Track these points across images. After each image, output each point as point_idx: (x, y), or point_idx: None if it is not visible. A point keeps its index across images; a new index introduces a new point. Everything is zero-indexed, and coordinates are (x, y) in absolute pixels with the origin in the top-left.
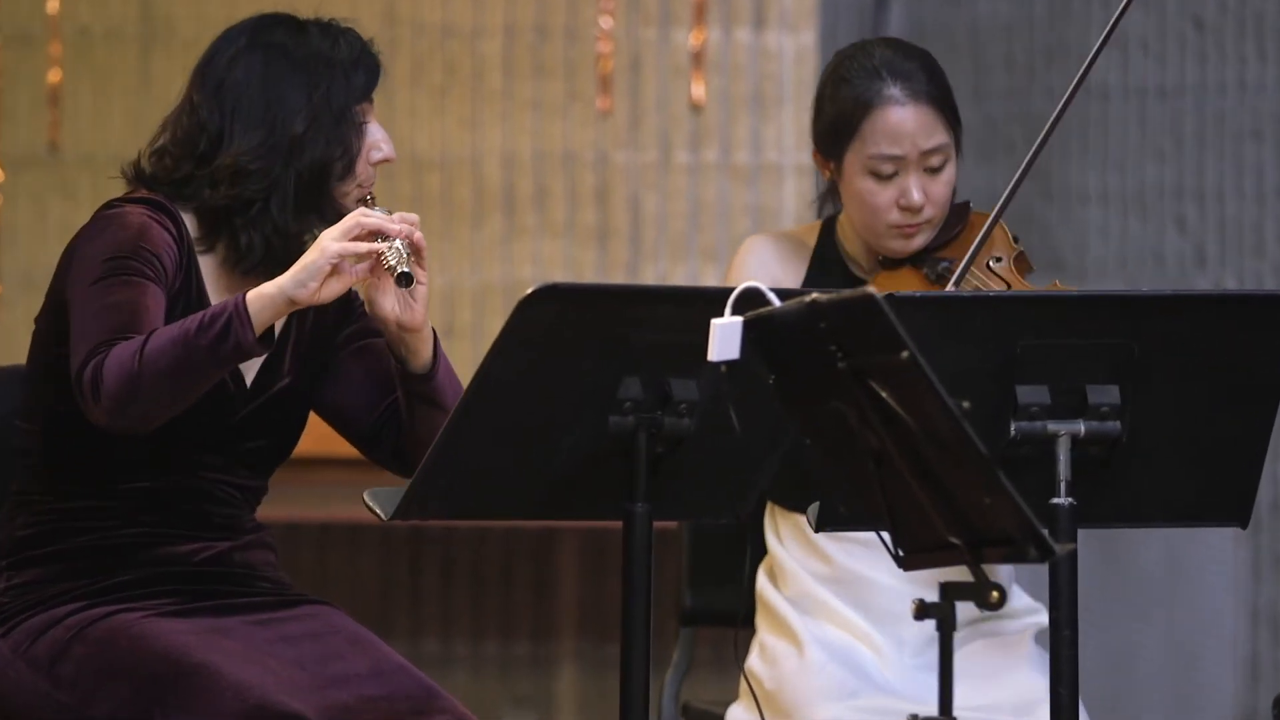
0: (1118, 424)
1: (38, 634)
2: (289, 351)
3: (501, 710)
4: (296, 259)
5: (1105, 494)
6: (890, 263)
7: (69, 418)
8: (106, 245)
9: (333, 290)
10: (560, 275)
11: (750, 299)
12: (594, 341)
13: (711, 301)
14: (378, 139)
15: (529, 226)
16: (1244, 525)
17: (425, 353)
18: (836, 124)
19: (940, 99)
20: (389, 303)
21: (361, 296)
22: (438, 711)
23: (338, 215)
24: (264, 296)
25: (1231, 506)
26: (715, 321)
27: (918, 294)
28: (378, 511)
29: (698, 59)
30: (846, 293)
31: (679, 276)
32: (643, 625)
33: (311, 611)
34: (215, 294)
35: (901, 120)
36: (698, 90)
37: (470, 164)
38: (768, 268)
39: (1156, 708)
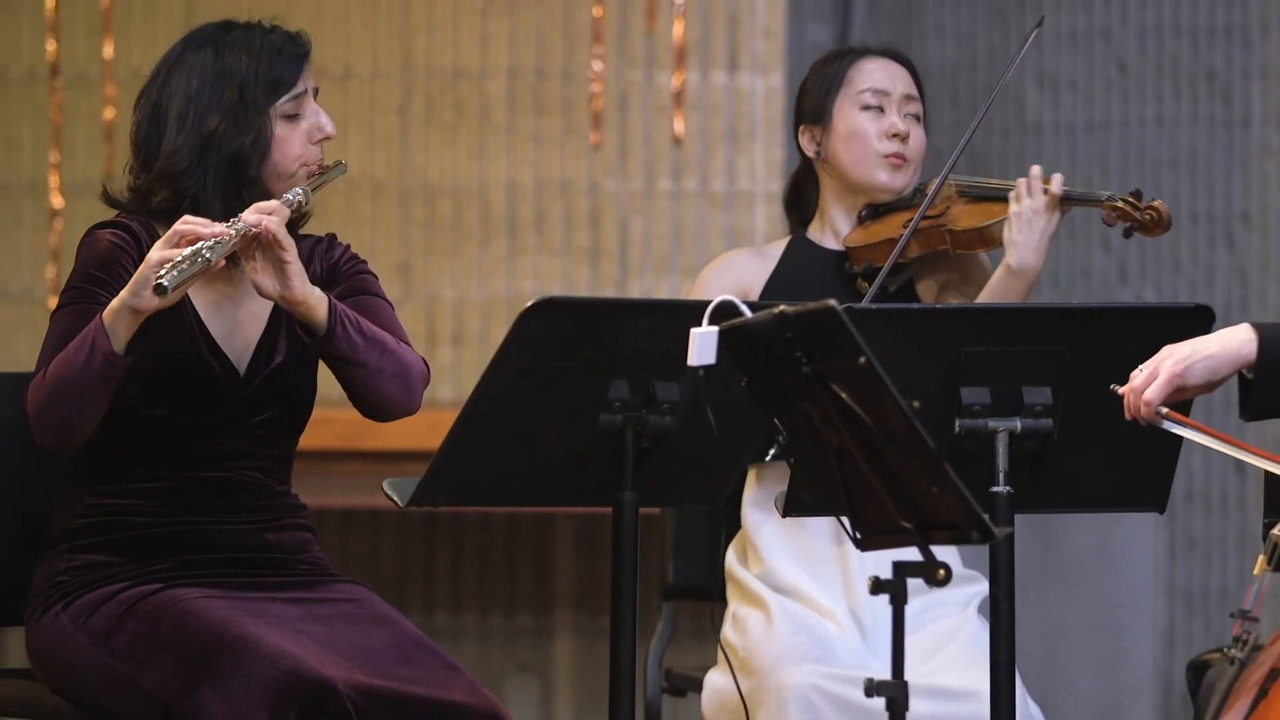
0: (1050, 421)
1: (94, 608)
2: (283, 332)
3: (506, 676)
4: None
5: (1039, 483)
6: (871, 215)
7: (99, 430)
8: (75, 272)
9: (170, 295)
10: (557, 290)
11: (725, 310)
12: (586, 348)
13: (691, 313)
14: (319, 121)
15: (529, 246)
16: (1161, 511)
17: (318, 319)
18: (824, 84)
19: (914, 71)
20: (267, 281)
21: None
22: (456, 687)
23: (264, 200)
24: (113, 311)
25: (1151, 495)
26: (694, 331)
27: (874, 306)
28: (395, 499)
29: (679, 98)
30: (811, 305)
31: (662, 291)
32: (630, 600)
33: (344, 593)
34: (196, 293)
35: (884, 66)
36: (679, 126)
37: (478, 191)
38: (731, 277)
39: (1084, 673)
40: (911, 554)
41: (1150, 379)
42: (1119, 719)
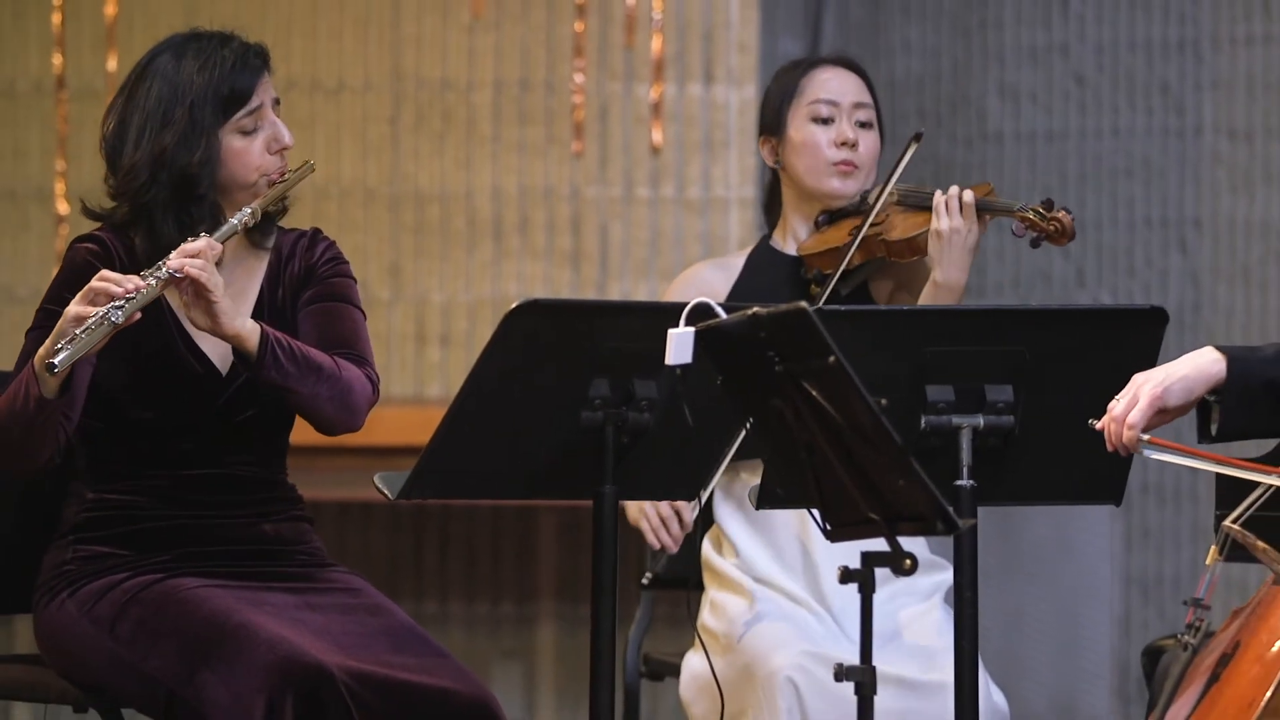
0: (1012, 418)
1: (99, 596)
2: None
3: (491, 662)
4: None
5: (1001, 477)
6: (826, 220)
7: (99, 431)
8: (50, 287)
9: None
10: (540, 292)
11: (701, 312)
12: (568, 348)
13: (668, 314)
14: (277, 132)
15: (514, 250)
16: (1118, 503)
17: (249, 350)
18: (780, 95)
19: (867, 79)
20: (199, 318)
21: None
22: (445, 673)
23: (215, 215)
24: (40, 359)
25: (1108, 488)
26: (671, 331)
27: (843, 308)
28: (386, 492)
29: (657, 109)
30: (783, 307)
31: (641, 293)
32: (610, 588)
33: (340, 582)
34: (175, 296)
35: (836, 78)
36: (657, 136)
37: (465, 197)
38: (698, 288)
39: (1043, 659)
40: (880, 545)
41: (1131, 405)
42: (1077, 703)
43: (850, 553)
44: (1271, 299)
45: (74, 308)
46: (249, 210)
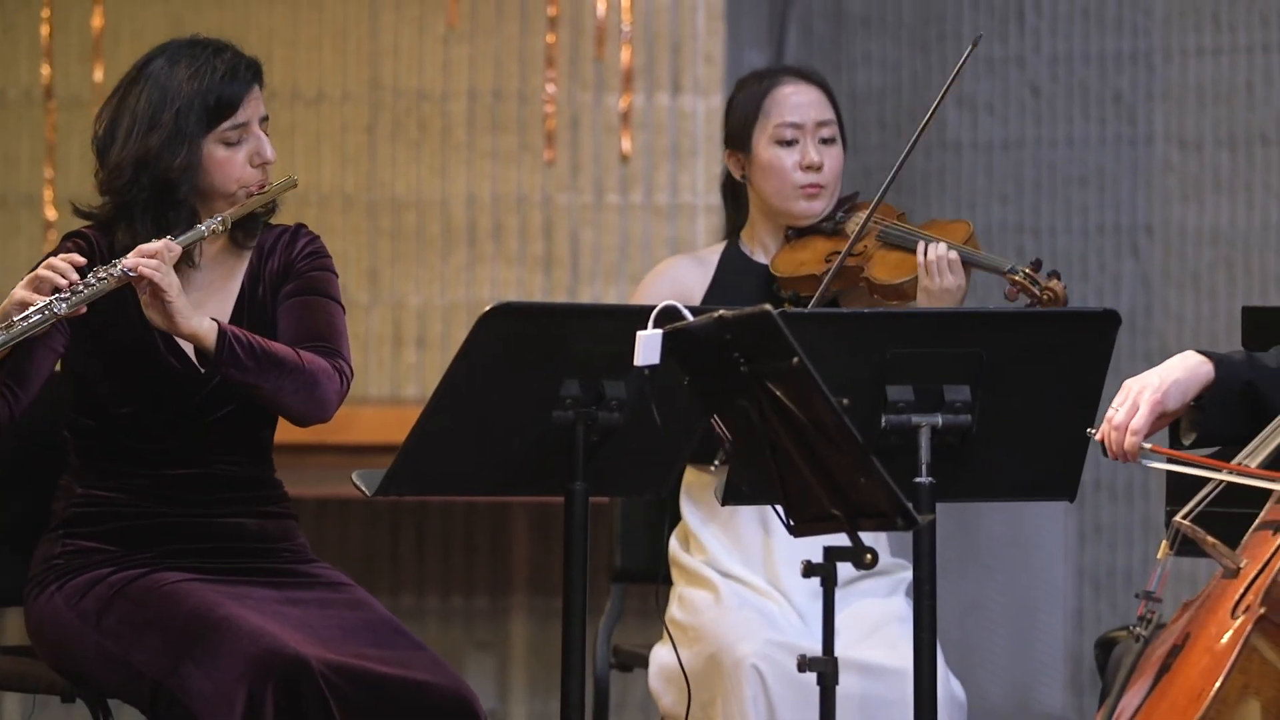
0: (969, 417)
1: (86, 590)
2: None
3: (465, 653)
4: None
5: (959, 474)
6: (794, 234)
7: (87, 428)
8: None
9: (36, 328)
10: (513, 296)
11: (668, 315)
12: (540, 350)
13: (637, 317)
14: (260, 146)
15: (488, 255)
16: (1071, 499)
17: (208, 348)
18: (744, 112)
19: (828, 91)
20: (156, 316)
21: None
22: (422, 666)
23: (192, 220)
24: None
25: (1061, 484)
26: (640, 333)
27: (806, 311)
28: (363, 489)
29: (626, 118)
30: (748, 310)
31: (611, 297)
32: (581, 582)
33: (321, 577)
34: None
35: (798, 96)
36: (626, 144)
37: (440, 204)
38: (673, 281)
39: (1000, 650)
40: (842, 539)
41: (1132, 411)
42: (1032, 693)
43: (812, 547)
44: (1221, 303)
45: (19, 292)
46: (219, 218)
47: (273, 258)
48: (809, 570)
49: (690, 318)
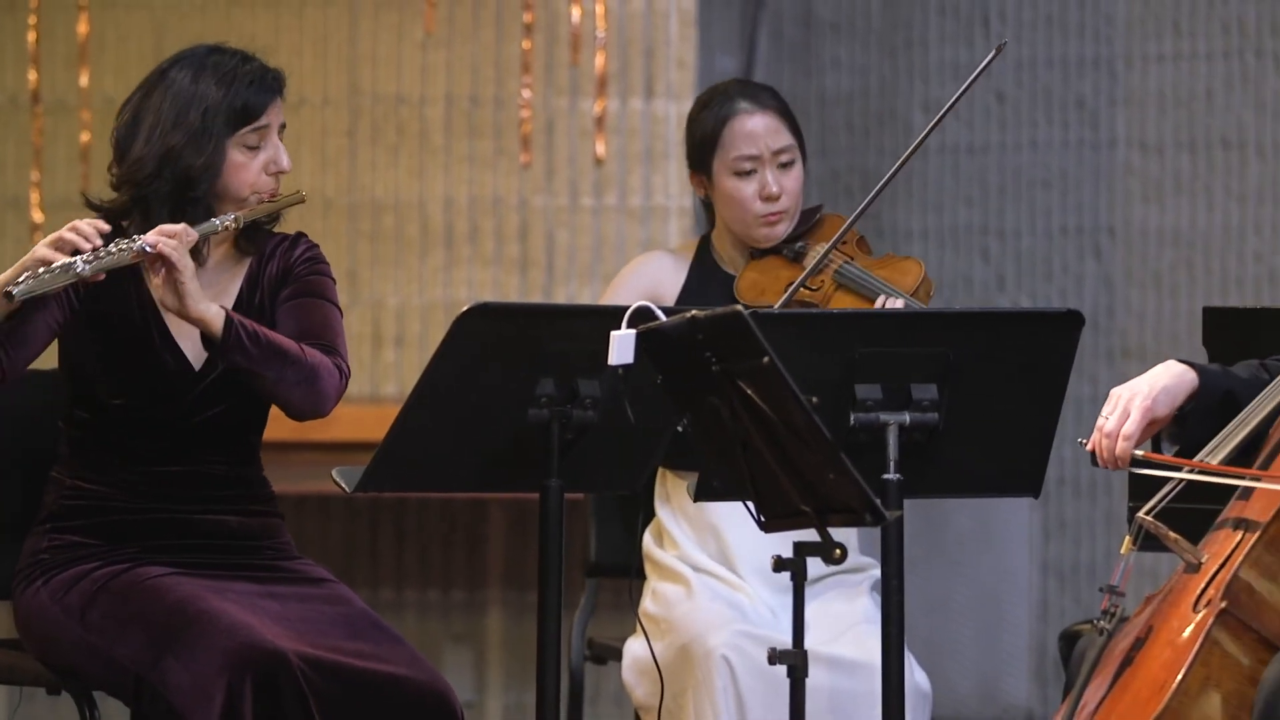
0: (936, 415)
1: (71, 585)
2: None
3: (442, 646)
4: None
5: (926, 471)
6: (758, 254)
7: (82, 420)
8: None
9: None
10: (490, 296)
11: (642, 315)
12: (516, 349)
13: (611, 317)
14: (277, 155)
15: (465, 257)
16: (1036, 495)
17: (214, 334)
18: (702, 141)
19: (783, 111)
20: (167, 298)
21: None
22: (400, 660)
23: (207, 218)
24: None
25: (1026, 481)
26: (614, 333)
27: (777, 311)
28: (343, 486)
29: (600, 123)
30: (720, 310)
31: (585, 297)
32: (556, 576)
33: (302, 573)
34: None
35: (753, 126)
36: (600, 148)
37: (418, 207)
38: (648, 276)
39: (966, 643)
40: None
41: (1123, 418)
42: (998, 685)
43: (775, 543)
44: (1181, 303)
45: (41, 249)
46: (233, 216)
47: (272, 263)
48: (779, 565)
49: (663, 318)
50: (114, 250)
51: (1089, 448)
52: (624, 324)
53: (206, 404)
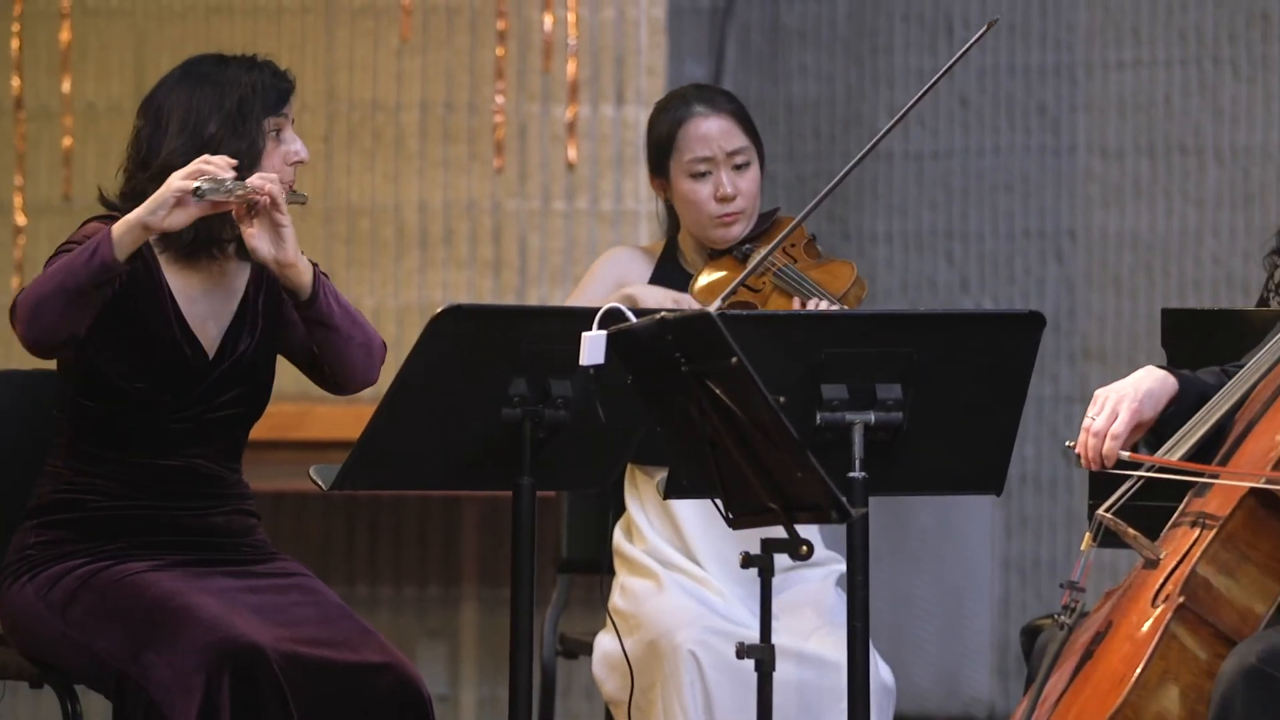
0: (900, 415)
1: (55, 581)
2: (246, 323)
3: (417, 641)
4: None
5: (891, 469)
6: (713, 255)
7: (87, 409)
8: (63, 244)
9: (178, 220)
10: (463, 298)
11: (613, 316)
12: (489, 350)
13: (582, 318)
14: (295, 147)
15: (439, 260)
16: (998, 493)
17: (305, 282)
18: (659, 145)
19: (738, 113)
20: (263, 245)
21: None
22: (370, 648)
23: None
24: (125, 223)
25: (989, 479)
26: (585, 334)
27: (745, 313)
28: (320, 484)
29: (572, 128)
30: (689, 311)
31: (558, 299)
32: (528, 573)
33: (278, 567)
34: (172, 280)
35: (707, 128)
36: (572, 153)
37: (393, 210)
38: (618, 270)
39: (929, 638)
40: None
41: (1111, 419)
42: (960, 679)
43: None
44: (1141, 305)
45: (178, 181)
46: (302, 195)
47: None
48: (747, 561)
49: (634, 319)
50: (231, 186)
51: (1077, 449)
52: (595, 325)
53: (219, 390)
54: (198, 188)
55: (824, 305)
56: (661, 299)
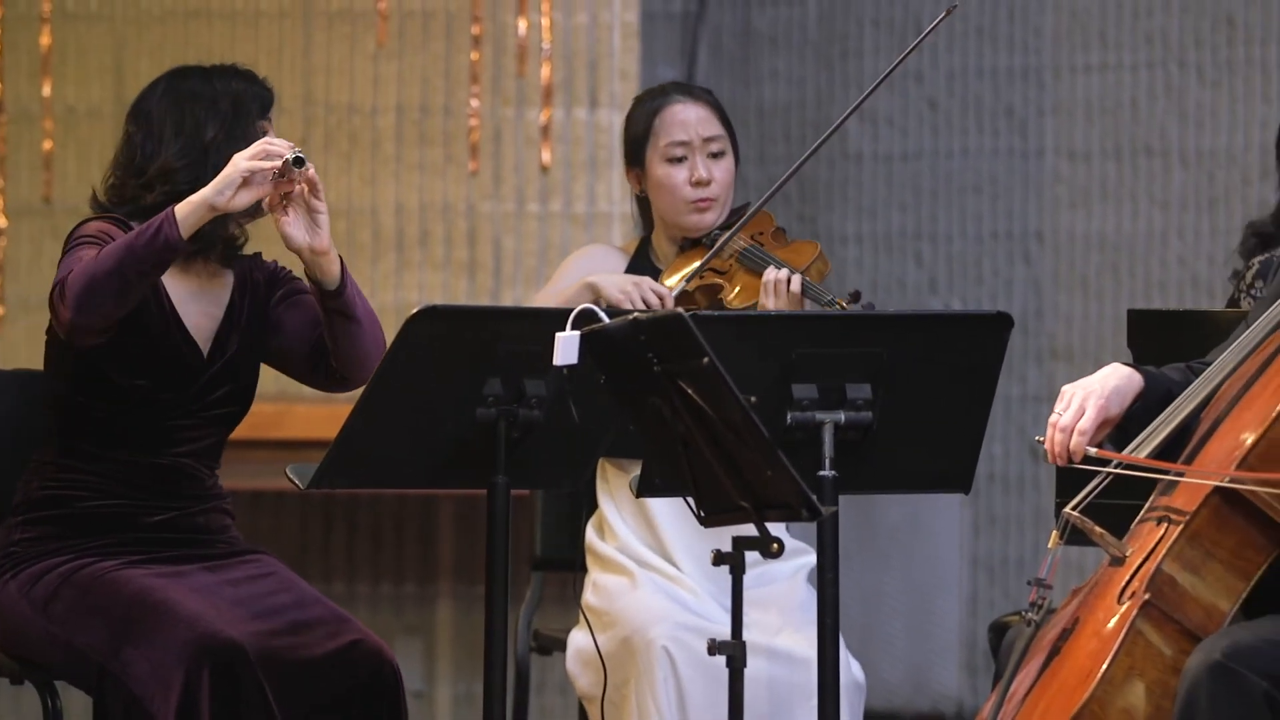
0: (870, 414)
1: (38, 578)
2: (234, 326)
3: (394, 637)
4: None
5: (860, 468)
6: (685, 246)
7: (83, 407)
8: (78, 234)
9: (243, 200)
10: (439, 299)
11: (586, 317)
12: (464, 350)
13: (556, 319)
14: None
15: (415, 261)
16: (967, 491)
17: (334, 272)
18: (637, 133)
19: (715, 105)
20: (299, 233)
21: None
22: (347, 632)
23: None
24: (190, 204)
25: (957, 477)
26: (558, 335)
27: (716, 313)
28: (297, 482)
29: (545, 131)
30: (661, 312)
31: (532, 300)
32: (503, 570)
33: (253, 560)
34: (167, 281)
35: (685, 114)
36: (545, 156)
37: (370, 213)
38: (589, 266)
39: (898, 634)
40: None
41: (1078, 414)
42: (929, 675)
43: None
44: (1107, 306)
45: (244, 162)
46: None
47: (254, 273)
48: (719, 559)
49: (606, 320)
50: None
51: (1046, 445)
52: (568, 325)
53: (212, 389)
54: (298, 156)
55: (784, 273)
56: (622, 283)
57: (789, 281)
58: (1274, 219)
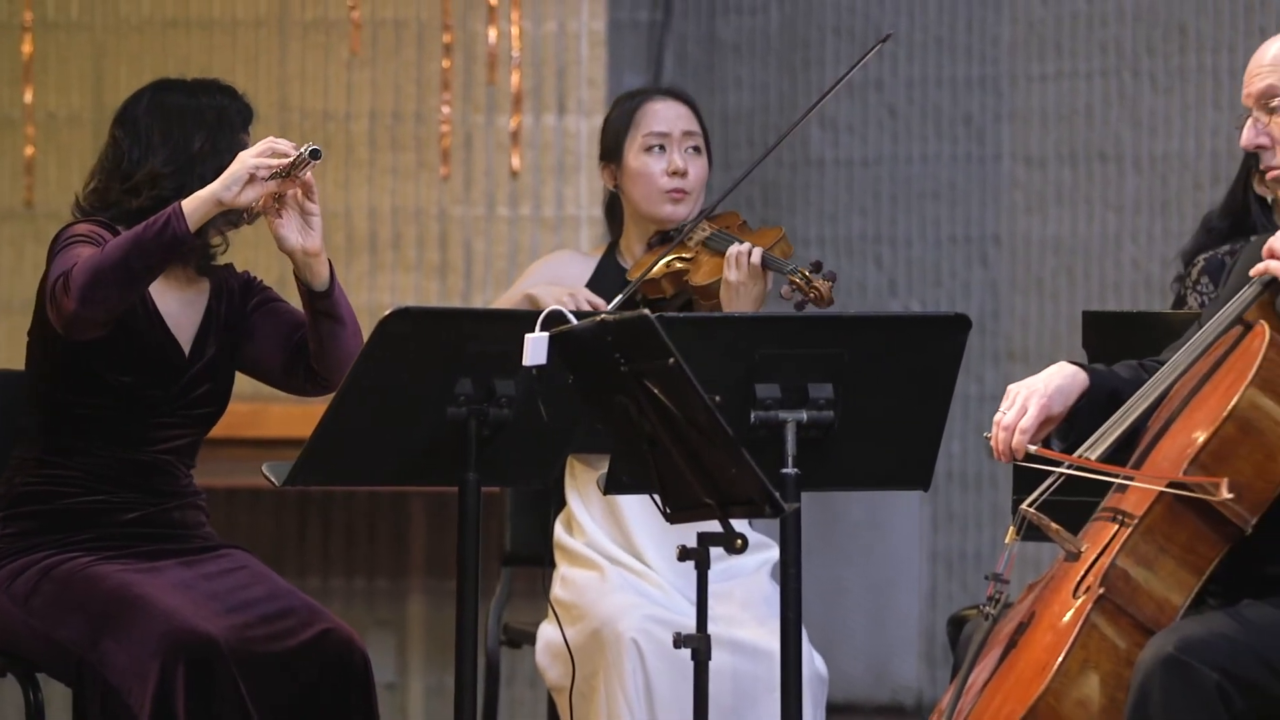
0: (831, 413)
1: (19, 574)
2: (212, 330)
3: (367, 631)
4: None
5: (822, 466)
6: (654, 243)
7: (61, 406)
8: (68, 234)
9: (249, 196)
10: (411, 301)
11: (554, 318)
12: (436, 351)
13: (525, 320)
14: None
15: (388, 264)
16: (926, 488)
17: (324, 274)
18: (616, 126)
19: (694, 107)
20: (293, 235)
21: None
22: (318, 622)
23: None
24: (197, 199)
25: (917, 474)
26: (527, 336)
27: (682, 315)
28: (272, 480)
29: (515, 137)
30: (628, 314)
31: (502, 302)
32: (474, 566)
33: (227, 555)
34: (156, 286)
35: (666, 110)
36: (515, 161)
37: (344, 216)
38: (552, 270)
39: (859, 628)
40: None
41: (1021, 413)
42: (889, 667)
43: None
44: (1063, 308)
45: (251, 159)
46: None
47: (229, 282)
48: (684, 554)
49: (575, 321)
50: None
51: (993, 442)
52: (538, 327)
53: (193, 387)
54: (315, 149)
55: (746, 246)
56: (558, 294)
57: (750, 254)
58: (1221, 211)
